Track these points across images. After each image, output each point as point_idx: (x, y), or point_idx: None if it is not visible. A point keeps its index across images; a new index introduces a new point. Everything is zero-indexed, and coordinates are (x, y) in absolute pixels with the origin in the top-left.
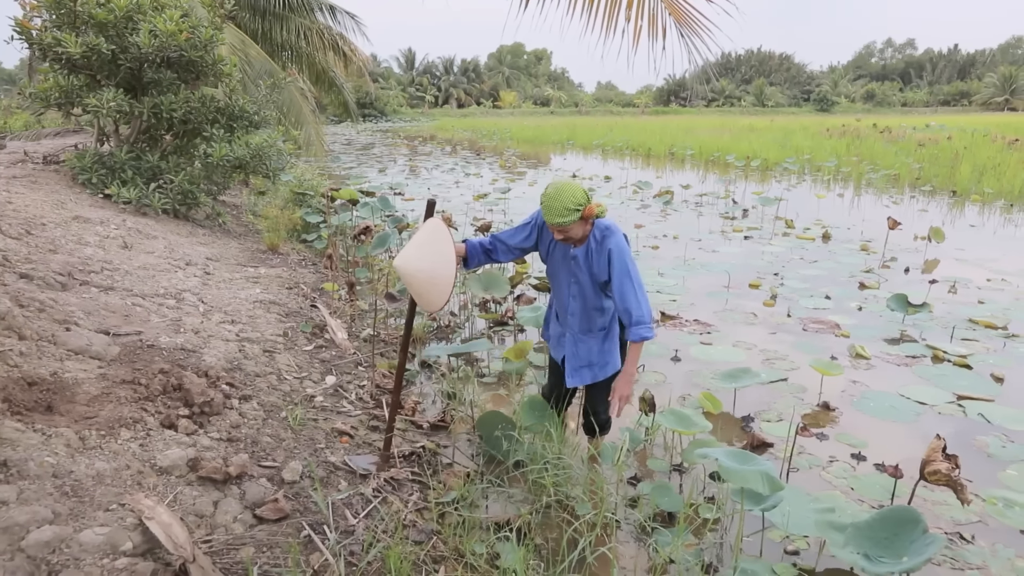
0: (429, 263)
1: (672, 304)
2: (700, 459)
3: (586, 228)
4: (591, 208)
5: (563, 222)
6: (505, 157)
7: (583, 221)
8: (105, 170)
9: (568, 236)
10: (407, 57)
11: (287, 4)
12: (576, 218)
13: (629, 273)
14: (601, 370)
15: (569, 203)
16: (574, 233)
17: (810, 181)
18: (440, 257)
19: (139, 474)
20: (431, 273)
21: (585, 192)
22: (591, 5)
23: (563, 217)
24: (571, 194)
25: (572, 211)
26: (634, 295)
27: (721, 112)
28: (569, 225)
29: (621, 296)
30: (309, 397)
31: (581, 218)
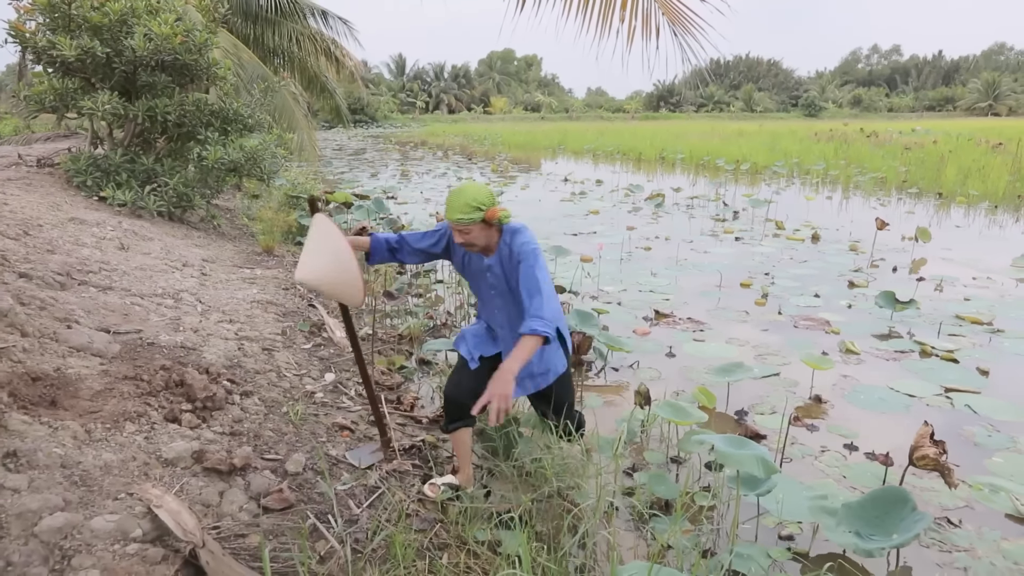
0: (329, 267)
1: (665, 303)
2: (697, 446)
3: (491, 235)
4: (495, 211)
5: (462, 219)
6: (497, 162)
7: (486, 226)
8: (100, 173)
9: (470, 241)
10: (398, 63)
11: (279, 9)
12: (477, 218)
13: (535, 268)
14: (543, 378)
15: (472, 200)
16: (476, 238)
17: (799, 184)
18: (336, 256)
19: (145, 465)
20: (335, 276)
21: (491, 195)
22: (586, 6)
23: (464, 214)
24: (475, 193)
25: (474, 209)
26: (537, 288)
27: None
28: (469, 225)
29: (525, 289)
30: (309, 393)
31: (484, 221)
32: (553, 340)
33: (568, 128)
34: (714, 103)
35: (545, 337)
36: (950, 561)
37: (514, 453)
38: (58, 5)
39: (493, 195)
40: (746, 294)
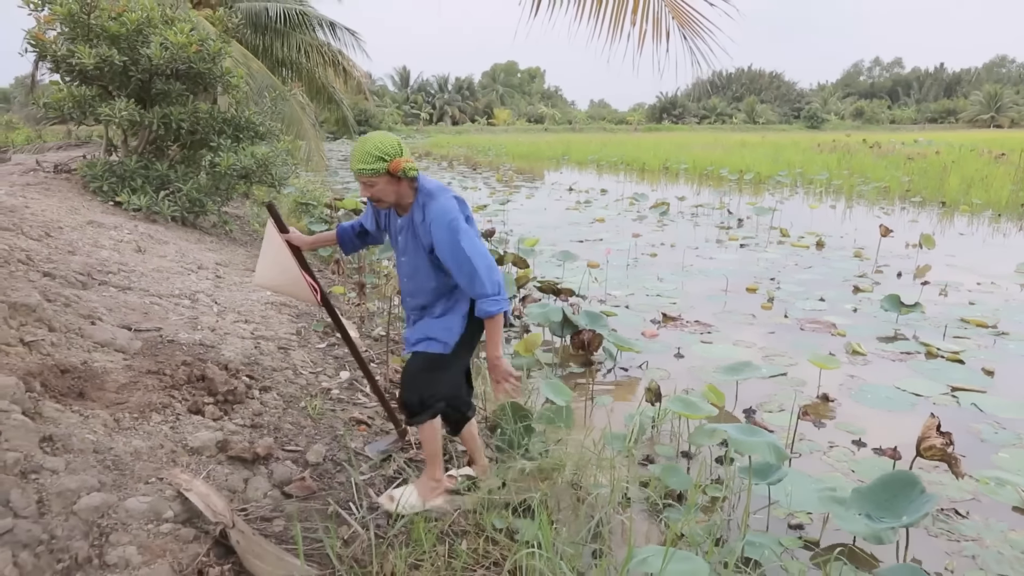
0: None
1: (672, 306)
2: (708, 438)
3: (401, 191)
4: (398, 162)
5: (364, 169)
6: (502, 172)
7: (392, 179)
8: (115, 178)
9: (376, 196)
10: (402, 75)
11: (288, 21)
12: (380, 168)
13: (459, 242)
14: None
15: (374, 150)
16: (382, 193)
17: (802, 193)
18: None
19: (172, 453)
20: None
21: (399, 144)
22: (598, 10)
23: (365, 164)
24: (379, 142)
25: (376, 159)
26: (470, 264)
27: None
28: (372, 177)
29: (456, 269)
30: (325, 390)
31: (388, 172)
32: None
33: (571, 139)
34: (716, 115)
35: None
36: (958, 550)
37: (528, 445)
38: (78, 15)
39: (400, 145)
40: (752, 298)
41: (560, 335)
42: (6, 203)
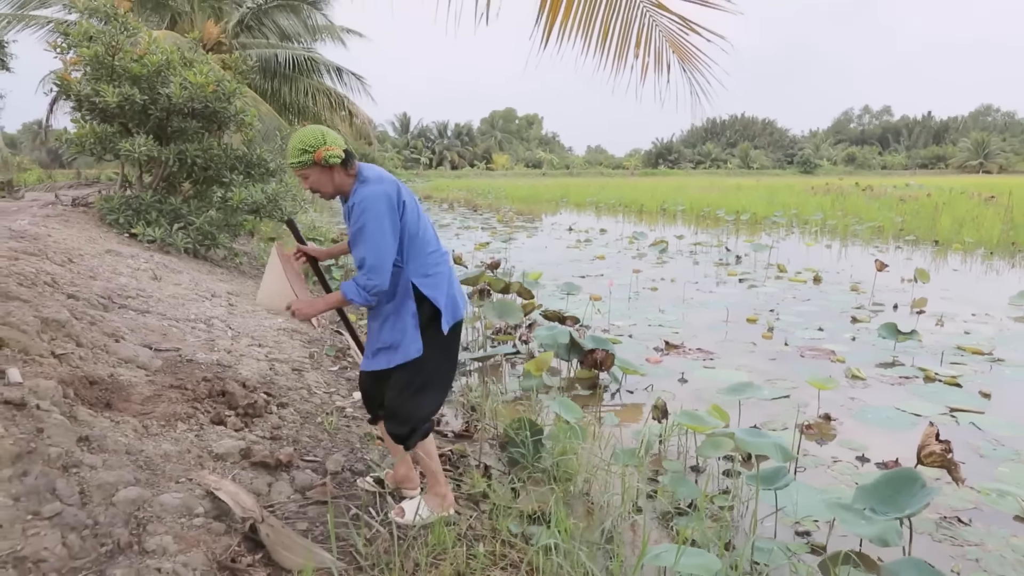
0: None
1: (675, 335)
2: (715, 449)
3: (337, 179)
4: (320, 151)
5: (293, 162)
6: (502, 213)
7: (324, 168)
8: (131, 211)
9: (313, 187)
10: (402, 121)
11: (297, 66)
12: (307, 160)
13: (365, 224)
14: (395, 354)
15: (299, 144)
16: (318, 183)
17: (798, 233)
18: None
19: (199, 458)
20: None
21: (322, 135)
22: (604, 43)
23: (294, 157)
24: (303, 135)
25: (301, 152)
26: (363, 245)
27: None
28: (303, 168)
29: (355, 246)
30: (340, 408)
31: (315, 163)
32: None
33: (570, 183)
34: (711, 160)
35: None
36: (962, 554)
37: (539, 458)
38: (103, 56)
39: (324, 136)
40: (752, 328)
41: (567, 358)
42: (30, 232)
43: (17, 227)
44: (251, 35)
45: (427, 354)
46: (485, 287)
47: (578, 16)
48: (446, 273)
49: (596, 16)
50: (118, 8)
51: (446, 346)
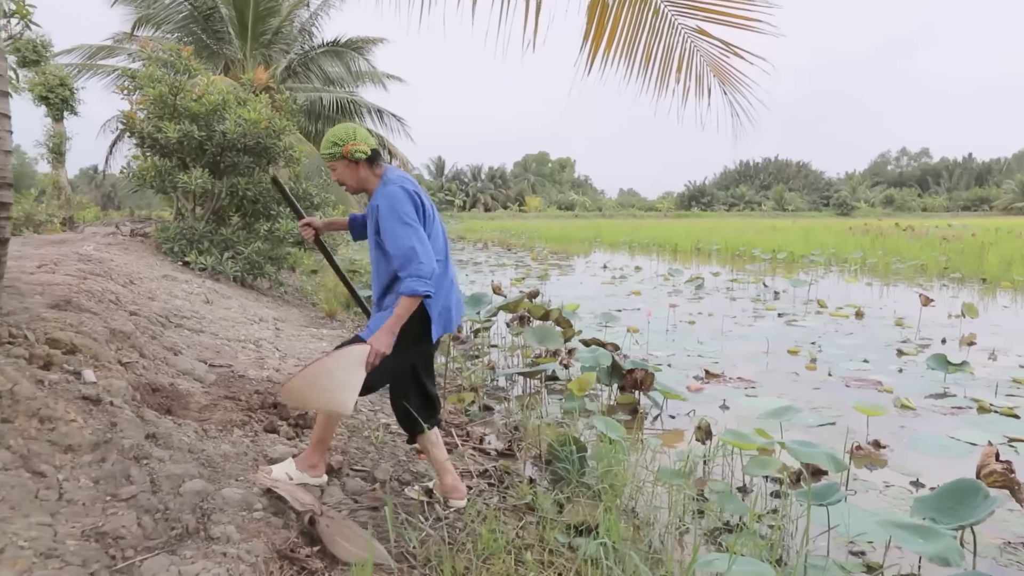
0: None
1: (714, 365)
2: (763, 468)
3: (361, 175)
4: (348, 146)
5: (324, 154)
6: (536, 252)
7: (349, 163)
8: (185, 241)
9: (340, 179)
10: (437, 164)
11: (340, 108)
12: (336, 152)
13: (397, 215)
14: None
15: (331, 137)
16: (344, 176)
17: (837, 272)
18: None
19: (255, 460)
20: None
21: (353, 131)
22: (646, 68)
23: (325, 149)
24: (335, 131)
25: (332, 144)
26: (404, 233)
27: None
28: (331, 160)
29: (392, 243)
30: (385, 425)
31: (343, 156)
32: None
33: (602, 224)
34: (745, 203)
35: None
36: None
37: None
38: (166, 96)
39: (354, 132)
40: (794, 360)
41: (607, 383)
42: (95, 256)
43: (84, 252)
44: (298, 80)
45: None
46: (525, 314)
47: (622, 42)
48: (446, 285)
49: (639, 42)
50: (182, 52)
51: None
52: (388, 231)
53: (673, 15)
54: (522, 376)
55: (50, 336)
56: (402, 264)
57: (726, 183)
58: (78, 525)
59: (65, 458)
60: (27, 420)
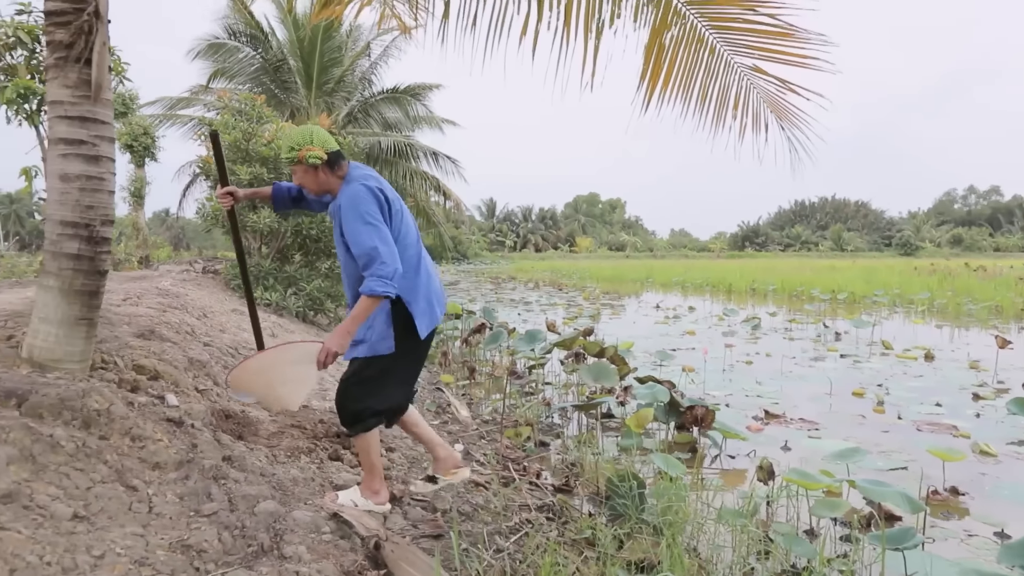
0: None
1: (774, 406)
2: (831, 510)
3: (320, 178)
4: (303, 151)
5: (284, 158)
6: (587, 291)
7: (307, 167)
8: (252, 278)
9: (301, 183)
10: (488, 206)
11: (398, 152)
12: (293, 157)
13: (359, 214)
14: (365, 347)
15: (288, 141)
16: (304, 180)
17: (902, 313)
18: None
19: (322, 486)
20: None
21: (310, 135)
22: (703, 105)
23: (284, 153)
24: (292, 134)
25: (289, 149)
26: (366, 232)
27: (799, 256)
28: (291, 164)
29: (354, 243)
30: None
31: (299, 161)
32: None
33: (654, 264)
34: (801, 243)
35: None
36: None
37: (642, 510)
38: (240, 142)
39: (311, 136)
40: (860, 402)
41: (664, 421)
42: (172, 291)
43: (162, 287)
44: (358, 125)
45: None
46: (580, 351)
47: (678, 81)
48: (423, 279)
49: (695, 80)
50: (256, 100)
51: (414, 350)
52: (351, 231)
53: (729, 54)
54: (578, 412)
55: (136, 363)
56: (365, 264)
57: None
58: (166, 537)
59: (153, 474)
60: (121, 438)
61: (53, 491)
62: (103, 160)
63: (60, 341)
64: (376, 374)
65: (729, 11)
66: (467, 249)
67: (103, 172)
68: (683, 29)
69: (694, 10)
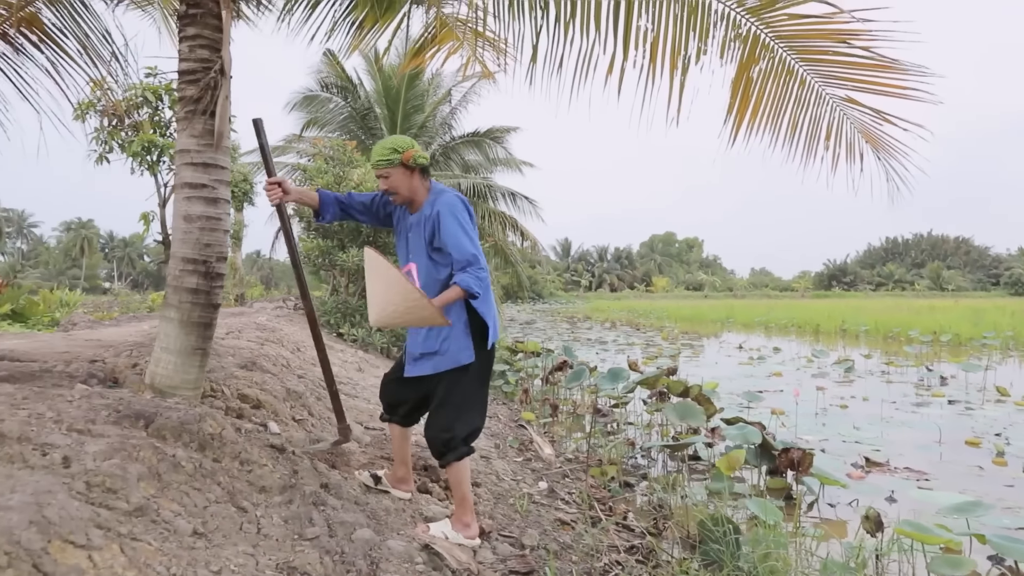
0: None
1: (876, 453)
2: (952, 567)
3: (413, 185)
4: (409, 152)
5: (380, 161)
6: (666, 331)
7: (406, 171)
8: (339, 314)
9: (392, 187)
10: (564, 246)
11: (477, 193)
12: (395, 160)
13: (459, 222)
14: (443, 359)
15: (389, 144)
16: (396, 185)
17: (1017, 357)
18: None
19: (412, 517)
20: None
21: (411, 141)
22: (792, 135)
23: (382, 156)
24: (393, 139)
25: (391, 151)
26: (466, 239)
27: (893, 295)
28: (387, 168)
29: (452, 244)
30: (528, 495)
31: (401, 163)
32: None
33: (734, 304)
34: (894, 282)
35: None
36: None
37: (738, 558)
38: (331, 185)
39: (412, 143)
40: (975, 452)
41: (756, 464)
42: (268, 326)
43: (259, 322)
44: (439, 168)
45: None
46: (663, 390)
47: (766, 114)
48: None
49: (784, 113)
50: (347, 145)
51: (487, 363)
52: (452, 235)
53: (820, 86)
54: (663, 453)
55: (240, 392)
56: (463, 266)
57: (871, 261)
58: (274, 558)
59: (260, 497)
60: (231, 461)
61: (176, 507)
62: (220, 202)
63: (178, 369)
64: (459, 399)
65: (820, 44)
66: (542, 289)
67: (220, 213)
68: (771, 62)
69: (783, 44)
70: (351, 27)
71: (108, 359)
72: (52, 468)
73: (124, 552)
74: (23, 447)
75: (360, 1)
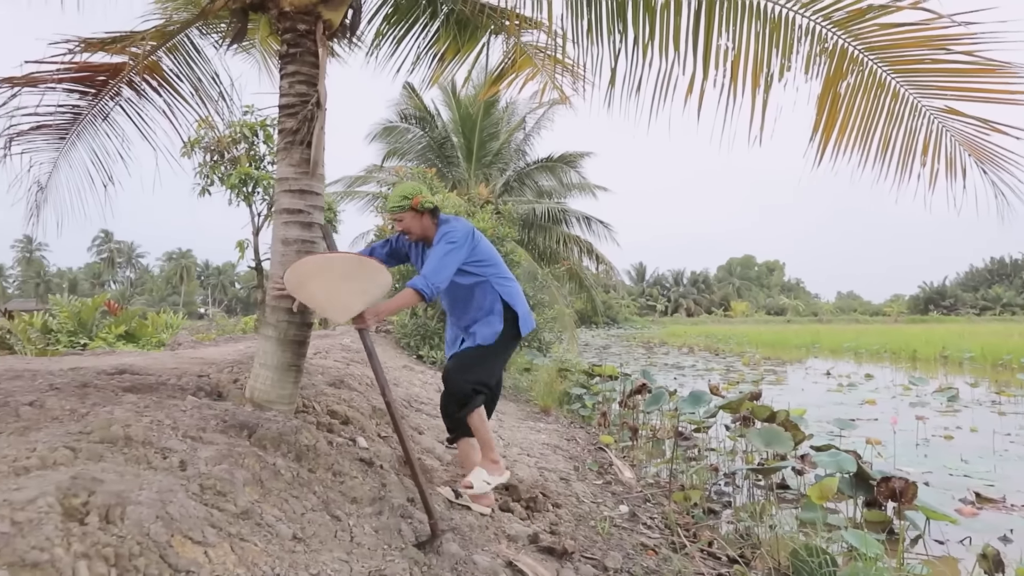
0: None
1: (989, 489)
2: None
3: (425, 224)
4: (417, 199)
5: (393, 207)
6: (747, 357)
7: (416, 214)
8: (419, 336)
9: (406, 228)
10: (638, 271)
11: (551, 217)
12: (406, 205)
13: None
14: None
15: (401, 192)
16: (410, 226)
17: None
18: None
19: (496, 535)
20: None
21: (420, 188)
22: (884, 152)
23: (395, 203)
24: (405, 187)
25: (402, 198)
26: (439, 261)
27: (1001, 320)
28: (400, 212)
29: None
30: (609, 517)
31: (412, 208)
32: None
33: (819, 329)
34: (1002, 306)
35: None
36: None
37: None
38: None
39: (420, 189)
40: None
41: (850, 494)
42: (352, 347)
43: (344, 343)
44: (513, 193)
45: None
46: (748, 415)
47: (855, 131)
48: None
49: (875, 129)
50: (427, 173)
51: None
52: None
53: (916, 98)
54: (748, 480)
55: (330, 408)
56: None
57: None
58: (366, 566)
59: (352, 507)
60: (325, 472)
61: (277, 513)
62: (314, 227)
63: (275, 384)
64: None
65: (915, 54)
66: (617, 313)
67: (314, 237)
68: (860, 76)
69: (874, 56)
70: (433, 59)
71: (212, 374)
72: (171, 470)
73: (234, 551)
74: (147, 450)
75: (443, 34)
